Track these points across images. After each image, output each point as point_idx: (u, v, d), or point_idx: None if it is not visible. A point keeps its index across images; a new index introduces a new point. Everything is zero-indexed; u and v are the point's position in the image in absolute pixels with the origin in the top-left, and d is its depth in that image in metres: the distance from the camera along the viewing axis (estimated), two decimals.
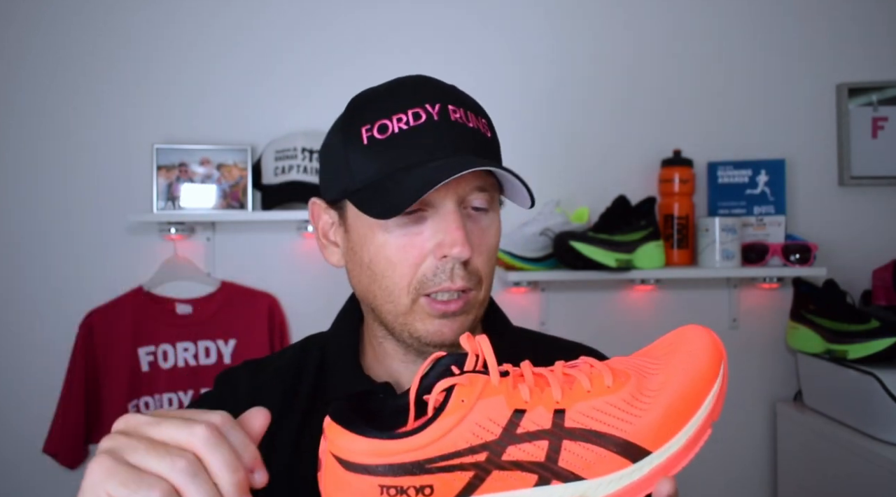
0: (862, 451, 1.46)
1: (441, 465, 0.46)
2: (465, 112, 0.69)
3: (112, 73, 1.74)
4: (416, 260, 0.67)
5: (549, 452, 0.47)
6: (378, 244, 0.68)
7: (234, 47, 1.77)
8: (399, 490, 0.46)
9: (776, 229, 1.79)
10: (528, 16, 1.84)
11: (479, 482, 0.46)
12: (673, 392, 0.48)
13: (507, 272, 1.67)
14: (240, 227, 1.77)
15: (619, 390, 0.48)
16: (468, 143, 0.67)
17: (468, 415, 0.46)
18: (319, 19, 1.79)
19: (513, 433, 0.46)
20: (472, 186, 0.67)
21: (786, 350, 1.84)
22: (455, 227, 0.65)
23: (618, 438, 0.47)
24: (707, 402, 0.49)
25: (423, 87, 0.69)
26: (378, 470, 0.46)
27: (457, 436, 0.46)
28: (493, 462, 0.46)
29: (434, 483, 0.46)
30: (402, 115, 0.67)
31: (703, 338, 0.51)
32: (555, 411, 0.47)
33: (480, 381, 0.47)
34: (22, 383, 1.70)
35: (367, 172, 0.67)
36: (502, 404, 0.47)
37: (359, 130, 0.68)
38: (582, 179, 1.82)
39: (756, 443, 1.85)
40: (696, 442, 0.49)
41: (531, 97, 1.82)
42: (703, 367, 0.50)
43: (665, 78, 1.85)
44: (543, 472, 0.47)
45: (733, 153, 1.85)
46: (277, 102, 1.78)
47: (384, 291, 0.68)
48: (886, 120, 1.84)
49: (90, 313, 1.65)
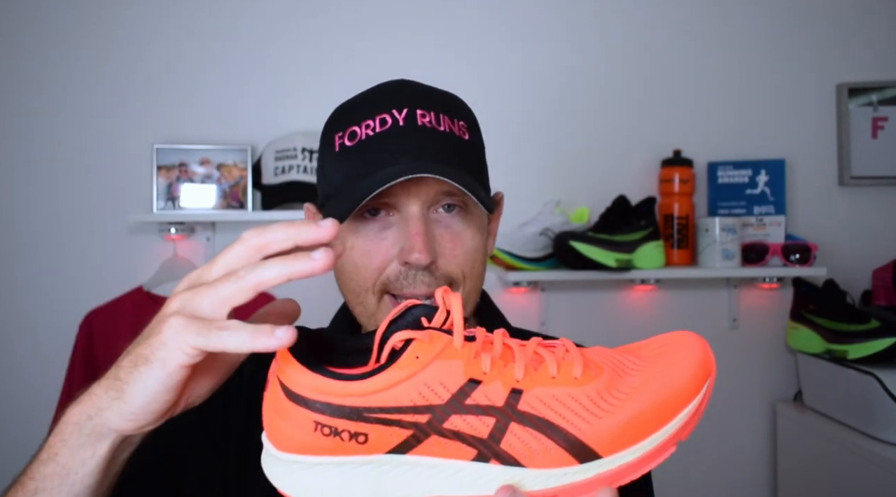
0: (862, 451, 1.46)
1: (380, 417, 0.44)
2: (435, 115, 0.68)
3: (112, 74, 1.74)
4: (380, 264, 0.67)
5: (493, 431, 0.44)
6: (347, 247, 0.68)
7: (234, 47, 1.77)
8: (333, 431, 0.44)
9: (776, 229, 1.79)
10: (529, 16, 1.83)
11: (416, 442, 0.45)
12: (643, 401, 0.45)
13: (507, 272, 1.67)
14: (240, 227, 1.77)
15: (586, 384, 0.45)
16: (433, 147, 0.67)
17: (419, 373, 0.44)
18: (320, 19, 1.79)
19: (461, 402, 0.44)
20: (437, 192, 0.67)
21: (786, 350, 1.84)
22: (415, 232, 0.65)
23: (569, 434, 0.45)
24: (677, 419, 0.45)
25: (395, 93, 0.69)
26: (316, 406, 0.44)
27: (402, 392, 0.44)
28: (434, 427, 0.44)
29: (370, 433, 0.44)
30: (370, 121, 0.67)
31: (695, 349, 0.48)
32: (511, 390, 0.45)
33: (441, 341, 0.45)
34: (22, 383, 1.70)
35: (336, 179, 0.69)
36: (458, 370, 0.45)
37: (332, 138, 0.70)
38: (582, 179, 1.82)
39: (756, 443, 1.85)
40: (654, 457, 0.46)
41: (531, 97, 1.82)
42: (684, 381, 0.46)
43: (665, 78, 1.85)
44: (484, 448, 0.45)
45: (733, 153, 1.85)
46: (277, 102, 1.78)
47: (352, 293, 0.70)
48: (886, 120, 1.84)
49: (90, 313, 1.65)
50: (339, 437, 0.44)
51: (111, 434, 0.49)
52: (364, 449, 0.45)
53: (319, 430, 0.44)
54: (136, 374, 0.46)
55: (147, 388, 0.46)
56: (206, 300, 0.46)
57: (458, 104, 0.72)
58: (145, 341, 0.47)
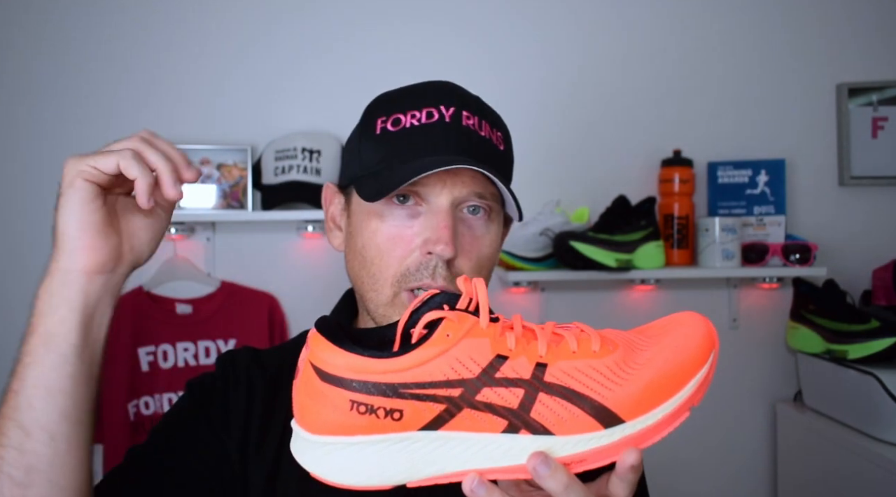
0: (862, 451, 1.46)
1: (415, 393, 0.46)
2: (479, 120, 0.71)
3: (112, 74, 1.74)
4: (403, 252, 0.68)
5: (523, 401, 0.47)
6: (371, 230, 0.70)
7: (234, 47, 1.77)
8: (369, 408, 0.46)
9: (776, 229, 1.79)
10: (529, 17, 1.83)
11: (448, 417, 0.47)
12: (658, 368, 0.49)
13: (507, 272, 1.67)
14: (240, 227, 1.77)
15: (605, 357, 0.49)
16: (474, 148, 0.69)
17: (451, 349, 0.47)
18: (321, 20, 1.79)
19: (491, 376, 0.47)
20: (470, 191, 0.69)
21: (786, 350, 1.84)
22: (443, 224, 0.66)
23: (594, 401, 0.47)
24: (690, 385, 0.49)
25: (444, 91, 0.72)
26: (352, 385, 0.46)
27: (435, 367, 0.46)
28: (467, 400, 0.47)
29: (405, 409, 0.46)
30: (416, 112, 0.69)
31: (698, 324, 0.52)
32: (536, 364, 0.48)
33: (469, 321, 0.48)
34: None
35: (373, 160, 0.70)
36: (486, 347, 0.47)
37: (374, 121, 0.71)
38: (582, 179, 1.82)
39: (756, 443, 1.85)
40: (671, 421, 0.49)
41: (531, 97, 1.82)
42: (692, 351, 0.50)
43: (665, 78, 1.85)
44: (514, 419, 0.47)
45: (733, 153, 1.85)
46: (277, 102, 1.78)
47: (371, 278, 0.70)
48: (886, 120, 1.84)
49: None
50: (374, 414, 0.46)
51: (75, 278, 0.57)
52: (399, 426, 0.47)
53: (355, 408, 0.46)
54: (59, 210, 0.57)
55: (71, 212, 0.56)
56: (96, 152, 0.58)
57: (498, 117, 0.76)
58: None
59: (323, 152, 1.68)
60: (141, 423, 1.64)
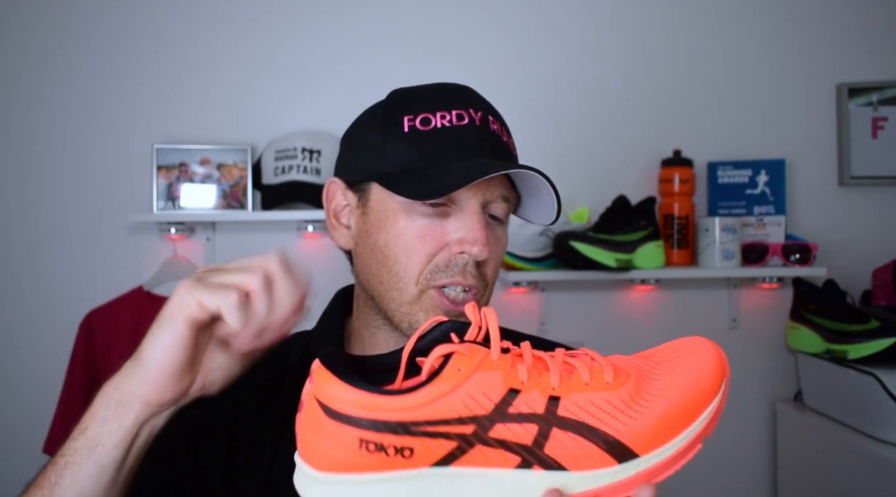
0: (862, 451, 1.46)
1: (426, 430, 0.45)
2: (500, 127, 0.73)
3: (112, 73, 1.74)
4: (433, 250, 0.69)
5: (537, 437, 0.46)
6: (399, 228, 0.69)
7: (234, 47, 1.77)
8: (378, 447, 0.45)
9: (776, 229, 1.79)
10: (529, 16, 1.83)
11: (460, 453, 0.46)
12: (672, 400, 0.48)
13: (507, 272, 1.67)
14: (240, 227, 1.77)
15: (618, 389, 0.48)
16: (504, 152, 0.71)
17: (463, 385, 0.46)
18: (320, 20, 1.79)
19: (504, 411, 0.46)
20: (498, 193, 0.70)
21: (786, 350, 1.84)
22: (480, 226, 0.68)
23: (608, 436, 0.47)
24: (703, 416, 0.49)
25: (468, 95, 0.73)
26: (361, 423, 0.45)
27: (448, 403, 0.45)
28: (479, 437, 0.46)
29: (415, 446, 0.45)
30: (445, 113, 0.69)
31: (709, 352, 0.51)
32: (550, 397, 0.47)
33: (480, 354, 0.47)
34: (22, 383, 1.70)
35: (405, 158, 0.69)
36: (498, 381, 0.46)
37: (400, 119, 0.70)
38: (582, 179, 1.82)
39: (756, 443, 1.85)
40: (685, 454, 0.49)
41: (531, 97, 1.82)
42: (705, 381, 0.49)
43: (665, 78, 1.85)
44: (528, 455, 0.46)
45: (733, 153, 1.85)
46: (277, 102, 1.78)
47: (393, 277, 0.69)
48: (886, 120, 1.84)
49: (90, 313, 1.65)
50: (384, 452, 0.45)
51: (136, 403, 0.53)
52: (409, 463, 0.45)
53: (364, 446, 0.45)
54: (150, 338, 0.53)
55: (160, 346, 0.52)
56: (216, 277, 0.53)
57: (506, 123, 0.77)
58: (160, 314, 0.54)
59: (323, 152, 1.68)
60: None
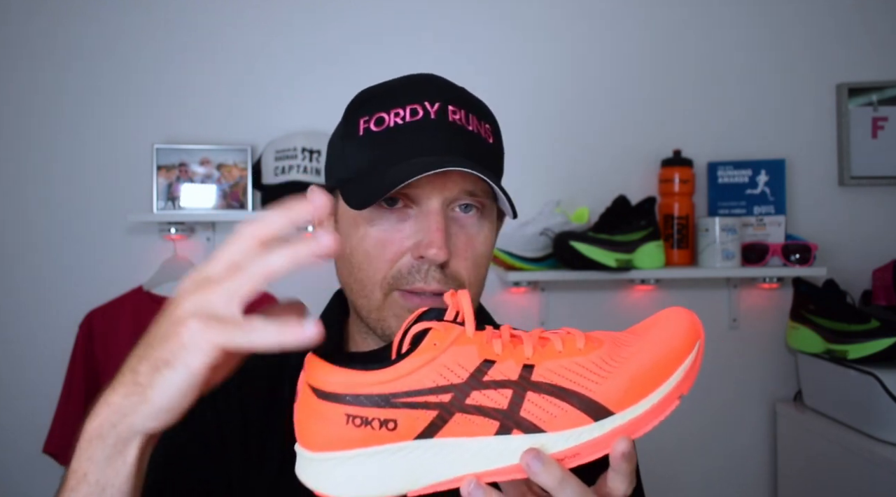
0: (862, 451, 1.46)
1: (406, 401, 0.47)
2: (465, 114, 0.68)
3: (112, 73, 1.74)
4: (393, 256, 0.66)
5: (512, 401, 0.48)
6: (360, 236, 0.67)
7: (234, 47, 1.77)
8: (364, 420, 0.47)
9: (776, 229, 1.79)
10: (529, 15, 1.83)
11: (441, 423, 0.48)
12: (643, 359, 0.49)
13: (507, 272, 1.67)
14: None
15: (590, 353, 0.50)
16: (462, 145, 0.66)
17: (439, 357, 0.48)
18: (320, 19, 1.79)
19: (479, 379, 0.48)
20: (461, 189, 0.66)
21: (786, 350, 1.84)
22: (435, 227, 0.64)
23: (582, 396, 0.48)
24: (676, 374, 0.50)
25: (427, 85, 0.69)
26: (346, 399, 0.47)
27: (424, 374, 0.48)
28: (457, 404, 0.48)
29: (398, 418, 0.47)
30: (399, 110, 0.66)
31: (681, 317, 0.53)
32: (523, 366, 0.49)
33: (455, 330, 0.49)
34: (22, 383, 1.70)
35: (358, 163, 0.67)
36: (473, 353, 0.49)
37: (357, 121, 0.68)
38: (582, 179, 1.82)
39: (756, 443, 1.85)
40: (661, 410, 0.50)
41: (531, 97, 1.82)
42: (677, 342, 0.51)
43: (665, 78, 1.85)
44: (505, 420, 0.48)
45: (733, 153, 1.85)
46: (277, 102, 1.78)
47: (359, 284, 0.68)
48: (886, 120, 1.84)
49: (90, 313, 1.65)
50: (369, 426, 0.47)
51: (137, 436, 0.49)
52: (394, 436, 0.48)
53: (351, 421, 0.47)
54: (160, 377, 0.46)
55: (173, 390, 0.46)
56: (217, 297, 0.46)
57: (485, 108, 0.72)
58: (162, 344, 0.47)
59: (323, 152, 1.68)
60: None
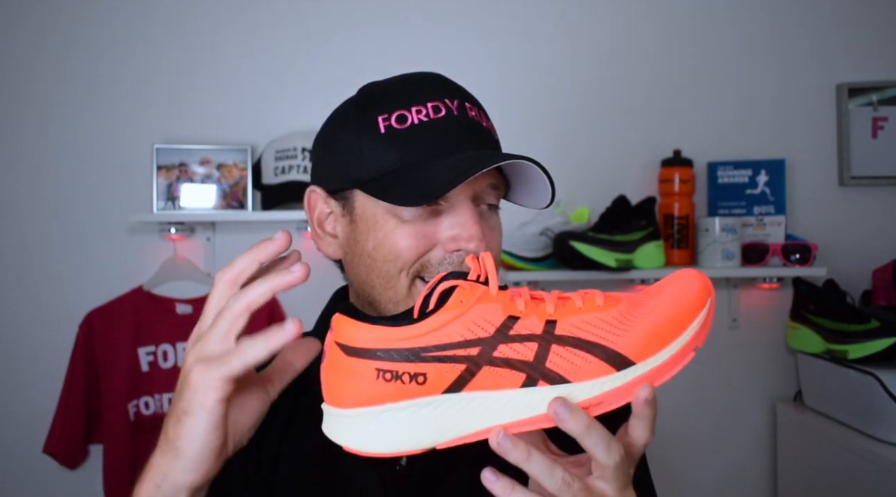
0: (862, 451, 1.46)
1: (435, 355, 0.49)
2: (478, 111, 0.71)
3: (112, 74, 1.74)
4: (424, 249, 0.67)
5: (538, 353, 0.50)
6: (387, 231, 0.67)
7: (234, 47, 1.77)
8: (394, 375, 0.49)
9: (776, 229, 1.79)
10: (528, 15, 1.83)
11: (469, 376, 0.49)
12: (660, 314, 0.52)
13: (507, 272, 1.67)
14: (240, 227, 1.77)
15: (610, 309, 0.52)
16: (485, 140, 0.69)
17: (465, 313, 0.50)
18: (320, 19, 1.79)
19: (505, 334, 0.50)
20: (487, 184, 0.68)
21: (786, 350, 1.84)
22: (473, 221, 0.66)
23: (605, 347, 0.50)
24: (692, 327, 0.52)
25: (440, 83, 0.70)
26: (376, 354, 0.49)
27: (453, 329, 0.49)
28: (485, 357, 0.49)
29: (428, 372, 0.49)
30: (421, 107, 0.67)
31: (692, 276, 0.55)
32: (546, 321, 0.51)
33: (480, 289, 0.51)
34: (22, 383, 1.70)
35: (385, 161, 0.66)
36: (498, 310, 0.51)
37: (375, 119, 0.67)
38: (582, 179, 1.82)
39: (756, 443, 1.84)
40: (678, 361, 0.52)
41: (531, 97, 1.82)
42: (690, 298, 0.53)
43: (665, 78, 1.85)
44: (531, 371, 0.50)
45: (733, 153, 1.85)
46: (277, 102, 1.78)
47: (382, 278, 0.68)
48: (886, 120, 1.84)
49: (90, 313, 1.65)
50: (399, 380, 0.49)
51: (183, 492, 0.52)
52: (423, 390, 0.49)
53: (381, 376, 0.49)
54: (183, 427, 0.51)
55: (197, 435, 0.50)
56: (211, 341, 0.51)
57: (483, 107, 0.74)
58: (179, 398, 0.51)
59: None
60: (141, 422, 1.64)
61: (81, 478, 1.68)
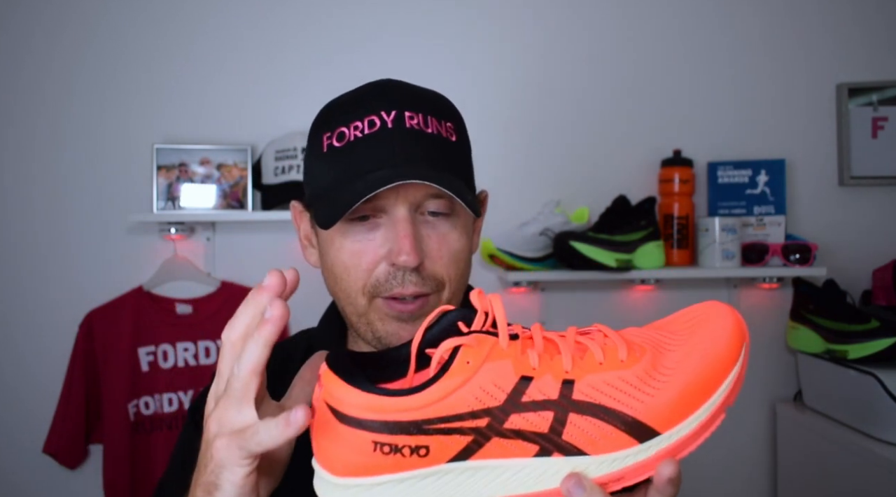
0: (862, 451, 1.46)
1: (440, 427, 0.44)
2: (423, 117, 0.68)
3: (112, 73, 1.74)
4: (369, 265, 0.67)
5: (553, 424, 0.45)
6: (336, 248, 0.69)
7: (234, 47, 1.77)
8: (393, 448, 0.44)
9: (776, 229, 1.79)
10: (527, 14, 1.83)
11: (476, 447, 0.45)
12: (689, 373, 0.46)
13: (507, 272, 1.67)
14: (240, 227, 1.77)
15: (634, 366, 0.46)
16: (421, 150, 0.66)
17: (473, 378, 0.44)
18: (321, 19, 1.79)
19: (517, 401, 0.44)
20: (425, 194, 0.66)
21: (786, 350, 1.84)
22: (403, 234, 0.65)
23: (626, 416, 0.45)
24: (724, 386, 0.47)
25: (383, 93, 0.69)
26: (373, 426, 0.44)
27: (459, 399, 0.44)
28: (495, 429, 0.44)
29: (430, 445, 0.44)
30: (358, 122, 0.67)
31: (726, 318, 0.49)
32: (563, 382, 0.45)
33: (488, 343, 0.45)
34: (22, 383, 1.70)
35: (324, 180, 0.68)
36: (509, 369, 0.45)
37: (320, 138, 0.69)
38: (582, 179, 1.82)
39: (756, 443, 1.85)
40: (708, 426, 0.47)
41: (531, 97, 1.82)
42: (722, 350, 0.47)
43: (665, 78, 1.85)
44: (545, 443, 0.45)
45: (733, 153, 1.85)
46: (277, 102, 1.78)
47: (343, 293, 0.70)
48: (886, 120, 1.84)
49: (90, 313, 1.65)
50: (399, 453, 0.44)
51: None
52: (426, 461, 0.44)
53: (379, 449, 0.44)
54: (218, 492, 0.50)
55: None
56: (231, 411, 0.50)
57: (446, 105, 0.72)
58: (205, 469, 0.51)
59: None
60: (141, 423, 1.64)
61: (81, 478, 1.68)
